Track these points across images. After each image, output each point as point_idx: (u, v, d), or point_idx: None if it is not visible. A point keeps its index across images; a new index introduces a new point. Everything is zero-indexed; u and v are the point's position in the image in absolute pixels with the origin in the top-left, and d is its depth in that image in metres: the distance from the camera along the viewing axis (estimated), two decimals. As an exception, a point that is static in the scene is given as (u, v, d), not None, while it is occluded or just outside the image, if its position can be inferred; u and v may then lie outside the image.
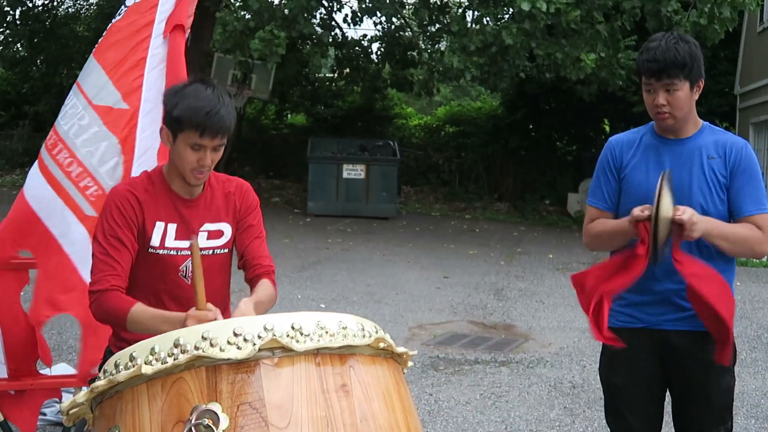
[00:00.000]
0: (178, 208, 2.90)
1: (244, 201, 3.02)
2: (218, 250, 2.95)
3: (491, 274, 11.99)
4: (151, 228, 2.86)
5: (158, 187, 2.90)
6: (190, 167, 2.82)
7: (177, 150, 2.81)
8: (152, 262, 2.87)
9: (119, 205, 2.83)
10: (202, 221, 2.92)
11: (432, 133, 26.79)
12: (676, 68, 3.02)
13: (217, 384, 1.90)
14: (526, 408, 5.86)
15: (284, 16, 15.09)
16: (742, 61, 20.57)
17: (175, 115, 2.76)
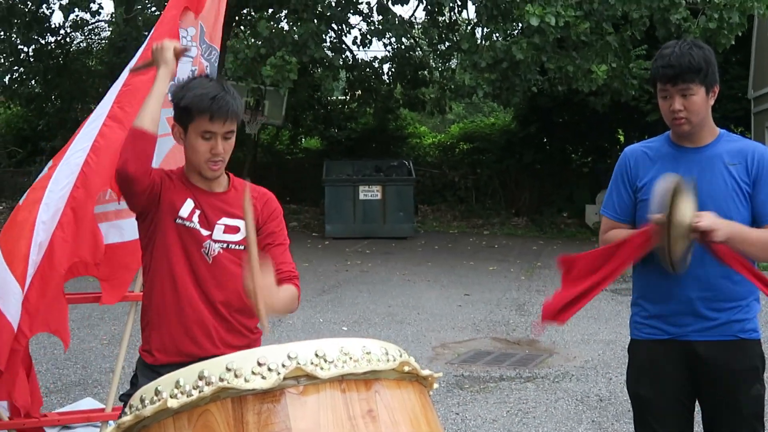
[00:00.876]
0: (199, 198, 2.99)
1: (266, 208, 3.09)
2: (233, 245, 3.01)
3: (512, 289, 11.94)
4: (181, 202, 2.95)
5: (182, 181, 3.01)
6: (204, 158, 2.90)
7: (190, 143, 2.91)
8: (178, 232, 2.96)
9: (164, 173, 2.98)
10: (220, 215, 3.00)
11: (446, 151, 26.82)
12: (692, 72, 3.03)
13: (244, 415, 1.89)
14: (553, 423, 5.82)
15: (294, 42, 15.17)
16: (755, 65, 20.50)
17: (183, 105, 2.86)
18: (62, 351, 7.77)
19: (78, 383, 6.75)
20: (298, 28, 15.38)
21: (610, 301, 10.90)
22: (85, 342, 8.13)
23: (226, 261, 2.99)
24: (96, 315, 9.30)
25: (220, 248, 2.98)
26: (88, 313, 9.39)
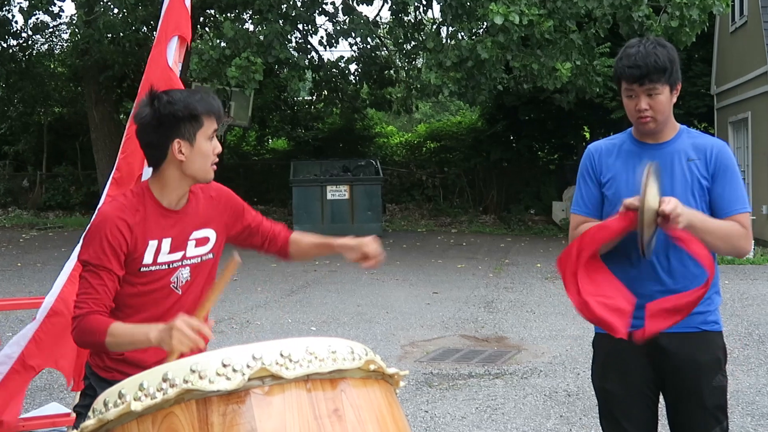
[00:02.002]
0: (169, 221, 2.89)
1: (228, 201, 3.08)
2: (205, 256, 2.97)
3: (480, 287, 11.99)
4: (144, 248, 2.83)
5: (149, 204, 2.87)
6: (211, 161, 2.87)
7: (199, 150, 2.82)
8: (144, 280, 2.86)
9: (108, 234, 2.78)
10: (191, 230, 2.93)
11: (414, 150, 26.87)
12: (658, 73, 3.05)
13: (209, 416, 1.88)
14: (522, 419, 5.85)
15: (259, 43, 15.13)
16: (717, 62, 20.74)
17: (189, 113, 2.78)
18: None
19: (44, 388, 6.68)
20: (263, 28, 15.34)
21: (578, 297, 10.96)
22: (51, 347, 8.04)
23: (195, 286, 2.95)
24: (62, 320, 9.21)
25: (189, 273, 2.93)
26: (54, 318, 9.29)
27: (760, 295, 11.07)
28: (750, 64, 17.85)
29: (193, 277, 2.93)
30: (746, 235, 3.15)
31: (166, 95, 2.81)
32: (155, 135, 2.80)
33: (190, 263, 2.93)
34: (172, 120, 2.77)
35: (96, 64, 21.31)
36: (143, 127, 2.84)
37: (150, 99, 2.81)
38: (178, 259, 2.90)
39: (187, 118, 2.78)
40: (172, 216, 2.89)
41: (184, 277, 2.92)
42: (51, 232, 20.37)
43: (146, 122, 2.81)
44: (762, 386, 6.60)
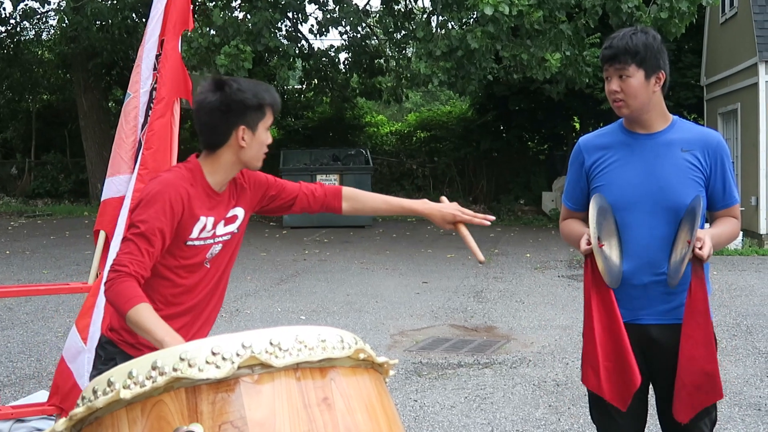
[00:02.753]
0: (214, 201, 3.01)
1: (250, 180, 3.17)
2: (232, 234, 3.09)
3: (470, 276, 12.00)
4: (193, 222, 2.94)
5: (200, 182, 2.97)
6: (264, 150, 3.00)
7: (259, 140, 2.95)
8: (186, 253, 2.97)
9: (171, 200, 2.86)
10: (226, 211, 3.05)
11: (404, 140, 26.85)
12: (627, 54, 3.10)
13: (198, 404, 1.88)
14: (511, 408, 5.86)
15: (249, 31, 15.07)
16: (707, 53, 20.76)
17: (257, 103, 2.90)
18: (15, 344, 7.68)
19: (32, 376, 6.66)
20: (253, 16, 15.28)
21: (567, 287, 11.00)
22: (39, 335, 8.03)
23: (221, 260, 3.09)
24: (50, 307, 9.20)
25: (220, 249, 3.06)
26: (42, 305, 9.28)
27: (748, 286, 11.12)
28: (740, 56, 17.88)
29: (222, 252, 3.07)
30: (739, 226, 3.30)
31: (236, 83, 2.91)
32: (221, 120, 2.89)
33: (222, 240, 3.05)
34: (241, 107, 2.88)
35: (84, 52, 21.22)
36: (210, 111, 2.90)
37: (218, 85, 2.89)
38: (211, 236, 3.01)
39: (255, 108, 2.90)
40: (215, 197, 3.01)
41: (215, 252, 3.05)
42: (40, 219, 20.29)
43: (214, 107, 2.88)
44: (750, 376, 6.63)
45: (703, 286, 3.03)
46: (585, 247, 3.13)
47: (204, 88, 2.93)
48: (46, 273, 11.94)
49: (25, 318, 8.77)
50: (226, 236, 3.05)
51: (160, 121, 4.29)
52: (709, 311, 3.03)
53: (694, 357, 3.02)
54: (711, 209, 3.25)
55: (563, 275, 12.07)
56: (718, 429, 5.23)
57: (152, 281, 2.90)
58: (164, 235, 2.83)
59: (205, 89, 2.92)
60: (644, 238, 3.14)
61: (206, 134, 2.95)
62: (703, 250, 2.98)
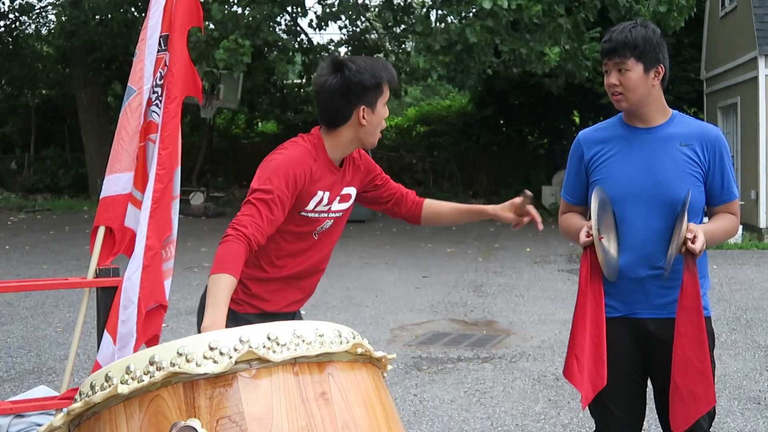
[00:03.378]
0: (331, 177, 3.12)
1: (366, 164, 3.31)
2: (343, 212, 3.24)
3: (470, 271, 12.00)
4: (312, 195, 3.05)
5: (323, 157, 3.09)
6: (383, 125, 3.15)
7: (379, 115, 3.09)
8: (300, 222, 3.09)
9: (297, 172, 2.98)
10: (342, 187, 3.18)
11: (403, 134, 26.85)
12: (626, 48, 3.09)
13: (195, 399, 1.88)
14: (511, 403, 5.87)
15: (248, 25, 15.04)
16: (707, 47, 20.74)
17: (376, 82, 3.02)
18: (15, 339, 7.68)
19: (32, 371, 6.66)
20: (252, 10, 15.25)
21: (567, 281, 11.00)
22: (39, 330, 8.03)
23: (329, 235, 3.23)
24: (50, 302, 9.20)
25: (331, 224, 3.20)
26: (42, 300, 9.28)
27: (747, 280, 11.12)
28: (739, 50, 17.86)
29: (332, 227, 3.21)
30: (737, 222, 3.28)
31: (354, 64, 3.02)
32: (342, 102, 3.02)
33: (335, 216, 3.18)
34: (361, 88, 3.01)
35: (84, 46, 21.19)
36: (331, 94, 3.02)
37: (336, 67, 3.02)
38: (326, 210, 3.13)
39: (373, 87, 3.02)
40: (336, 172, 3.13)
41: (326, 227, 3.18)
42: (39, 214, 20.29)
43: (334, 90, 3.00)
44: (749, 370, 6.64)
45: (695, 282, 3.02)
46: (584, 239, 3.12)
47: (323, 71, 3.05)
48: (45, 268, 11.94)
49: (25, 313, 8.77)
50: (338, 213, 3.19)
51: (174, 121, 4.29)
52: (701, 307, 3.02)
53: (686, 355, 3.01)
54: (709, 204, 3.22)
55: (563, 269, 12.07)
56: (718, 423, 5.24)
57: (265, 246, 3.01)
58: (285, 206, 2.95)
59: (324, 72, 3.05)
60: (641, 232, 3.14)
61: (329, 115, 3.08)
62: (695, 244, 2.97)
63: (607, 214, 3.14)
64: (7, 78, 25.07)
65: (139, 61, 4.52)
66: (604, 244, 3.10)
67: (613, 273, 3.14)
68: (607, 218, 3.14)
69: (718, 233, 3.19)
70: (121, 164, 4.45)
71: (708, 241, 3.07)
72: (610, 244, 3.14)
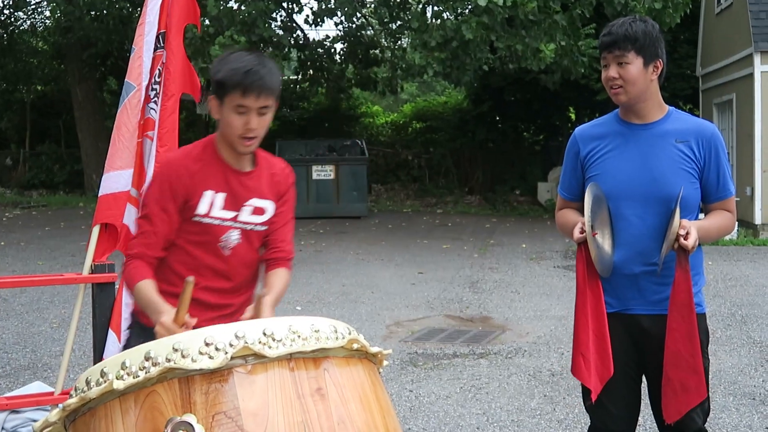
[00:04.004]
0: (228, 178, 2.96)
1: (285, 184, 3.12)
2: (258, 226, 3.02)
3: (465, 267, 12.01)
4: (199, 197, 2.91)
5: (211, 156, 2.96)
6: (237, 133, 2.86)
7: (225, 117, 2.86)
8: (196, 229, 2.94)
9: (171, 177, 2.90)
10: (250, 195, 2.99)
11: (399, 130, 26.82)
12: (627, 41, 3.10)
13: (191, 395, 1.88)
14: (506, 398, 5.87)
15: (243, 21, 15.02)
16: (702, 43, 20.75)
17: (218, 78, 2.83)
18: (10, 335, 7.67)
19: (27, 367, 6.65)
20: (248, 7, 15.23)
21: (562, 277, 11.01)
22: (34, 326, 8.02)
23: (246, 243, 3.01)
24: (45, 298, 9.18)
25: (238, 236, 2.99)
26: (37, 296, 9.26)
27: (743, 276, 11.14)
28: (735, 46, 17.87)
29: (243, 242, 2.99)
30: (733, 219, 3.29)
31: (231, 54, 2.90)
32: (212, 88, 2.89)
33: (242, 227, 2.98)
34: (212, 75, 2.87)
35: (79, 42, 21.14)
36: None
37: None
38: (229, 218, 2.96)
39: (217, 81, 2.85)
40: (232, 174, 2.96)
41: (234, 240, 2.98)
42: (34, 210, 20.24)
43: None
44: (744, 366, 6.65)
45: (687, 278, 3.02)
46: (578, 235, 3.13)
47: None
48: (41, 264, 11.92)
49: (20, 309, 8.76)
50: (248, 225, 2.99)
51: (171, 118, 4.29)
52: (692, 303, 3.02)
53: (678, 350, 3.02)
54: (705, 201, 3.23)
55: (559, 266, 12.08)
56: (713, 418, 5.25)
57: (169, 255, 2.95)
58: (169, 213, 2.88)
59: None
60: (636, 228, 3.14)
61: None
62: (687, 240, 2.98)
63: (601, 210, 3.14)
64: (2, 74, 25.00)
65: (137, 57, 4.51)
66: (598, 240, 3.11)
67: (606, 269, 3.14)
68: (601, 214, 3.14)
69: (712, 230, 3.19)
70: (121, 161, 4.44)
71: (702, 237, 3.07)
72: (605, 240, 3.14)
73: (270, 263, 3.07)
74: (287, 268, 3.09)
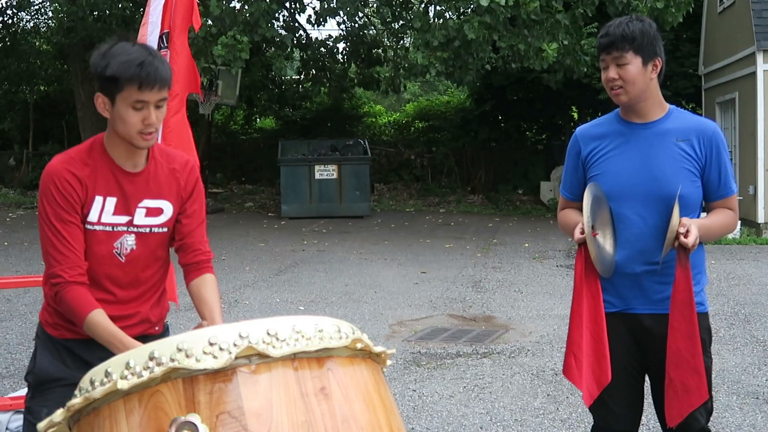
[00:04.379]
0: (119, 180, 2.74)
1: (189, 180, 2.87)
2: (156, 228, 2.81)
3: (468, 266, 12.01)
4: (90, 203, 2.71)
5: (98, 158, 2.73)
6: (136, 129, 2.63)
7: (119, 114, 2.63)
8: (87, 239, 2.73)
9: (59, 186, 2.68)
10: (142, 197, 2.77)
11: (402, 130, 26.83)
12: (625, 41, 3.10)
13: (195, 395, 1.88)
14: (509, 398, 5.87)
15: (246, 21, 15.03)
16: (705, 42, 20.72)
17: (109, 74, 2.59)
18: (14, 335, 7.68)
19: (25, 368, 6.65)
20: (250, 6, 15.24)
21: (565, 276, 11.01)
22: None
23: (145, 249, 2.81)
24: (49, 299, 9.19)
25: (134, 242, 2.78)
26: (41, 297, 9.25)
27: (746, 275, 11.13)
28: (738, 45, 17.85)
29: (139, 247, 2.79)
30: (735, 218, 3.27)
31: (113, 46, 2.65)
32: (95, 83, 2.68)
33: (136, 231, 2.78)
34: (95, 72, 2.66)
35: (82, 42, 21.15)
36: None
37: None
38: (123, 223, 2.76)
39: (107, 78, 2.61)
40: (123, 176, 2.75)
41: (129, 245, 2.78)
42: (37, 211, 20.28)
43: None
44: (747, 365, 6.65)
45: (688, 277, 3.02)
46: (578, 236, 3.12)
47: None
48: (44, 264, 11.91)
49: (24, 309, 8.77)
50: (144, 229, 2.78)
51: (175, 117, 4.30)
52: (693, 303, 3.02)
53: (679, 350, 3.02)
54: (707, 200, 3.23)
55: (561, 265, 12.08)
56: (717, 417, 5.25)
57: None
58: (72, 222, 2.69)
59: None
60: (637, 228, 3.15)
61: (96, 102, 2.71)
62: (688, 239, 2.98)
63: (602, 210, 3.14)
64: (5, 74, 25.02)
65: None
66: (599, 241, 3.11)
67: (607, 270, 3.14)
68: (602, 214, 3.14)
69: (713, 228, 3.19)
70: None
71: (704, 236, 3.07)
72: (606, 240, 3.14)
73: (192, 268, 2.86)
74: (212, 272, 2.89)
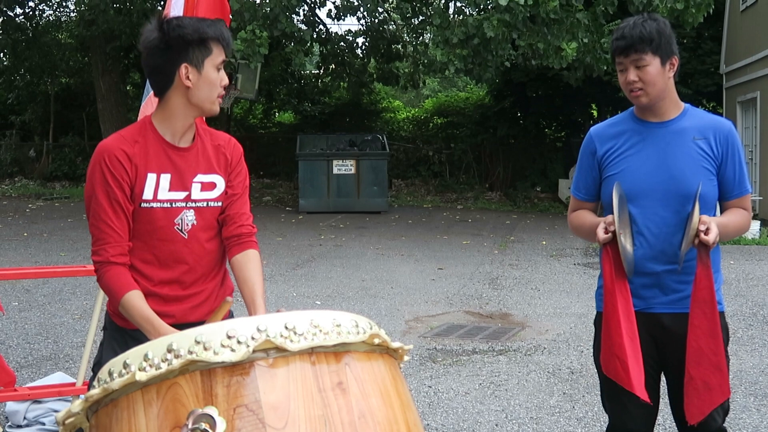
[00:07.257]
0: (171, 157, 2.78)
1: (234, 154, 2.93)
2: (212, 202, 2.85)
3: (485, 263, 11.99)
4: (143, 181, 2.74)
5: (150, 137, 2.78)
6: (218, 92, 2.76)
7: (207, 78, 2.73)
8: (145, 217, 2.76)
9: (108, 163, 2.71)
10: (195, 171, 2.82)
11: (420, 126, 26.81)
12: (643, 43, 3.07)
13: (213, 387, 1.89)
14: (525, 396, 5.86)
15: (265, 16, 15.05)
16: (727, 41, 20.60)
17: (199, 37, 2.70)
18: (32, 326, 7.74)
19: (49, 358, 6.71)
20: (270, 1, 15.26)
21: (582, 274, 10.98)
22: (56, 317, 8.08)
23: (203, 223, 2.84)
24: (67, 290, 9.25)
25: (194, 216, 2.81)
26: (60, 287, 9.34)
27: (765, 276, 11.06)
28: (760, 44, 17.73)
29: (199, 222, 2.82)
30: (749, 217, 3.26)
31: (176, 20, 2.72)
32: (162, 59, 2.72)
33: (195, 206, 2.81)
34: (181, 43, 2.70)
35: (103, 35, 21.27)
36: (150, 51, 2.73)
37: (159, 23, 2.72)
38: (181, 199, 2.79)
39: (196, 43, 2.70)
40: (175, 152, 2.79)
41: (189, 220, 2.81)
42: (57, 202, 20.40)
43: (153, 46, 2.72)
44: (765, 366, 6.61)
45: (709, 275, 3.00)
46: (603, 235, 3.09)
47: (147, 29, 2.74)
48: (63, 255, 12.01)
49: (43, 300, 8.83)
50: (202, 203, 2.82)
51: None
52: (714, 300, 3.00)
53: (700, 348, 3.00)
54: (722, 198, 3.21)
55: (579, 263, 12.04)
56: (734, 418, 5.22)
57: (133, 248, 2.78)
58: (119, 201, 2.71)
59: (148, 29, 2.74)
60: (656, 227, 3.13)
61: (154, 79, 2.77)
62: (708, 236, 2.96)
63: (624, 211, 3.13)
64: (27, 66, 25.20)
65: None
66: (622, 240, 3.09)
67: (630, 269, 3.12)
68: (623, 214, 3.13)
69: (730, 227, 3.17)
70: None
71: (720, 234, 3.06)
72: (626, 240, 3.13)
73: (235, 241, 2.87)
74: (256, 248, 2.89)
